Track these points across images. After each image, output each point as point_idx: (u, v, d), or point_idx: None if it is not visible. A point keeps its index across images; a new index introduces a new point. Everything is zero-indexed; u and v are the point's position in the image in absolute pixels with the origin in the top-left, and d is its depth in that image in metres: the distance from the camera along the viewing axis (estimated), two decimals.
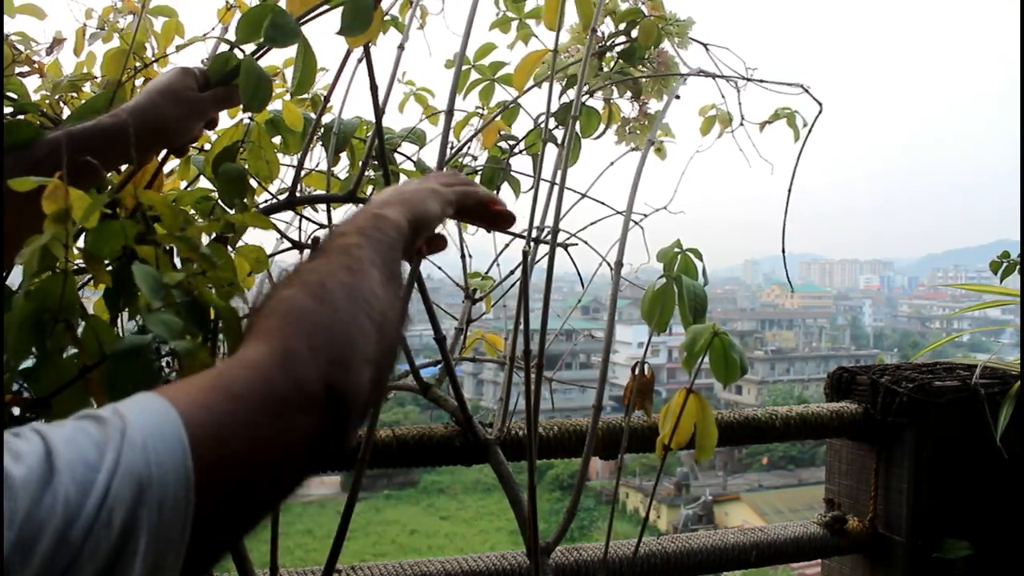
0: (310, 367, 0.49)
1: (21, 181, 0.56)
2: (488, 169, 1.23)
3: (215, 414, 0.44)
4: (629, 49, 1.20)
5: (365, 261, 0.61)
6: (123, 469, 0.38)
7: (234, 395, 0.46)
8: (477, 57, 1.27)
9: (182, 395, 0.44)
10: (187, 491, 0.40)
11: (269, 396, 0.47)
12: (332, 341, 0.52)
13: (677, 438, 1.00)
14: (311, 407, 0.48)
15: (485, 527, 25.09)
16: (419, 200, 0.73)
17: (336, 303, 0.55)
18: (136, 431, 0.40)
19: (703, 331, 0.98)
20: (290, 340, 0.50)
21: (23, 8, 1.04)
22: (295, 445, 0.48)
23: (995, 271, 1.68)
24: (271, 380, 0.47)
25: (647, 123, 1.26)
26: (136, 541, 0.37)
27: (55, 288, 0.59)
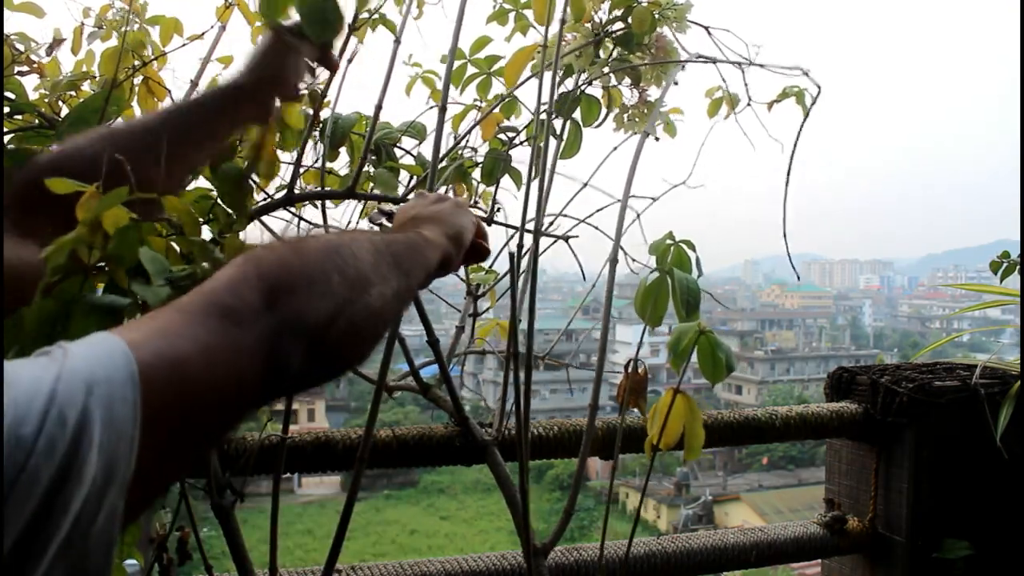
0: (253, 287, 0.52)
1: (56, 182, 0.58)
2: (488, 160, 1.23)
3: (157, 326, 0.47)
4: (626, 35, 1.19)
5: (363, 234, 0.64)
6: (67, 374, 0.40)
7: (180, 309, 0.49)
8: (473, 51, 1.26)
9: (125, 328, 0.46)
10: (133, 389, 0.42)
11: (213, 307, 0.49)
12: (282, 270, 0.54)
13: (666, 439, 1.00)
14: (251, 318, 0.50)
15: (485, 527, 25.08)
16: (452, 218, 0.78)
17: (304, 247, 0.57)
18: (78, 348, 0.42)
19: (688, 330, 0.97)
20: (242, 267, 0.53)
21: (22, 7, 1.04)
22: (243, 353, 0.49)
23: (995, 271, 1.68)
24: (216, 296, 0.50)
25: (647, 110, 1.25)
26: (90, 433, 0.39)
27: (74, 288, 0.59)
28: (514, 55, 1.20)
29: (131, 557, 0.99)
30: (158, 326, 0.47)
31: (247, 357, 0.49)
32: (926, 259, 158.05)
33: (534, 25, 1.23)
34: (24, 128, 0.94)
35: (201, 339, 0.47)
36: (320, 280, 0.56)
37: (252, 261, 0.54)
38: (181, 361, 0.46)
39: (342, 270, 0.58)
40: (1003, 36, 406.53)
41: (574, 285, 5.76)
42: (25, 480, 0.36)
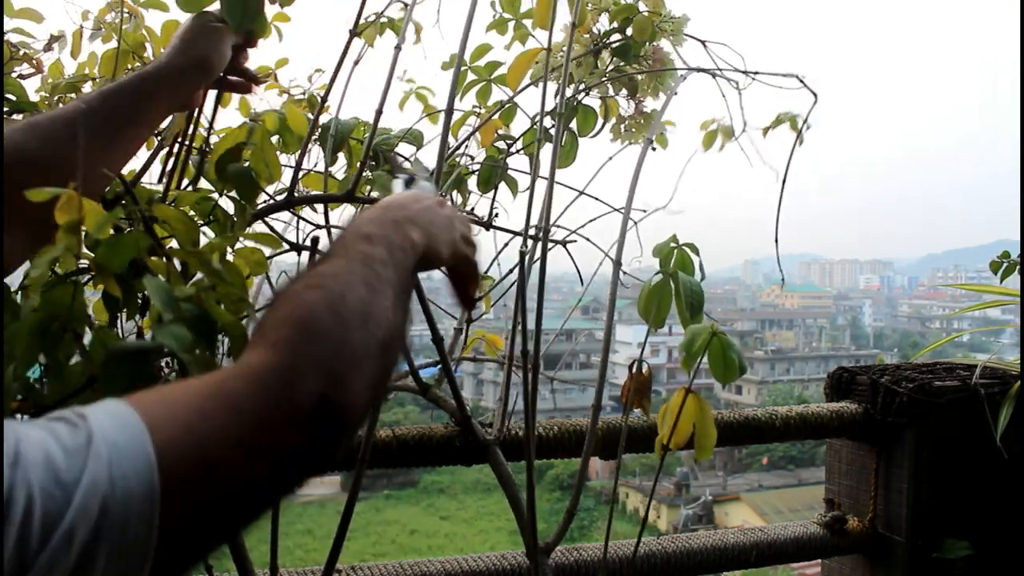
0: (310, 383, 0.49)
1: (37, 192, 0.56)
2: (485, 168, 1.23)
3: (199, 426, 0.44)
4: (624, 46, 1.19)
5: (385, 282, 0.60)
6: (86, 484, 0.37)
7: (233, 408, 0.46)
8: (473, 58, 1.26)
9: (159, 405, 0.44)
10: (152, 507, 0.39)
11: (266, 410, 0.47)
12: (338, 361, 0.51)
13: (676, 438, 1.00)
14: (303, 423, 0.48)
15: (485, 527, 25.09)
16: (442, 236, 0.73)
17: (350, 321, 0.54)
18: (100, 437, 0.39)
19: (701, 331, 0.97)
20: (296, 353, 0.50)
21: (21, 12, 1.04)
22: (283, 458, 0.47)
23: (995, 271, 1.68)
24: (271, 394, 0.47)
25: (643, 121, 1.26)
26: (97, 562, 0.37)
27: (64, 298, 0.59)
28: (516, 59, 1.20)
29: None
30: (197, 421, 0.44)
31: (288, 461, 0.48)
32: (926, 259, 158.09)
33: (533, 35, 1.23)
34: None
35: (247, 450, 0.45)
36: (367, 364, 0.54)
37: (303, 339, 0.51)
38: (219, 469, 0.43)
39: (381, 342, 0.56)
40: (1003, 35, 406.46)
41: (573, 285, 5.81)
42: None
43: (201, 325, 0.61)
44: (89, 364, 0.62)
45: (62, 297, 0.59)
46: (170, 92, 0.87)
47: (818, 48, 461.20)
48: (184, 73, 0.87)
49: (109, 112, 0.81)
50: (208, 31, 0.89)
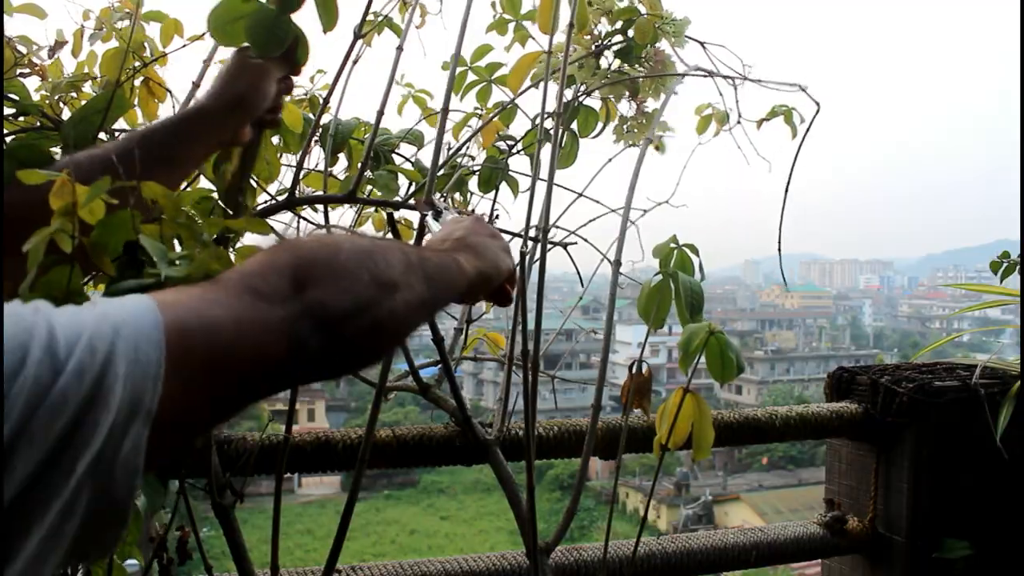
0: (285, 274, 0.54)
1: (30, 173, 0.58)
2: (486, 169, 1.23)
3: (190, 291, 0.50)
4: (626, 48, 1.20)
5: (398, 244, 0.65)
6: (98, 315, 0.43)
7: (214, 281, 0.53)
8: (474, 59, 1.27)
9: (157, 292, 0.50)
10: (158, 332, 0.45)
11: (247, 287, 0.52)
12: (313, 263, 0.56)
13: (674, 438, 1.00)
14: (279, 301, 0.53)
15: (485, 527, 25.09)
16: (493, 256, 0.78)
17: (338, 245, 0.59)
18: (108, 301, 0.46)
19: (699, 330, 0.97)
20: (277, 254, 0.56)
21: (23, 8, 1.04)
22: (271, 329, 0.52)
23: (995, 271, 1.68)
24: (249, 278, 0.53)
25: (644, 122, 1.26)
26: (117, 365, 0.42)
27: (61, 279, 0.60)
28: (518, 61, 1.20)
29: (131, 557, 0.99)
30: (191, 291, 0.51)
31: (272, 334, 0.52)
32: (926, 259, 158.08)
33: (533, 36, 1.23)
34: (26, 129, 0.94)
35: (233, 308, 0.51)
36: (347, 276, 0.57)
37: (287, 250, 0.57)
38: (211, 321, 0.49)
39: (372, 271, 0.59)
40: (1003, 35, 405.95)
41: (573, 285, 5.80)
42: (55, 398, 0.39)
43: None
44: None
45: (59, 279, 0.60)
46: (209, 133, 0.89)
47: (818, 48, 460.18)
48: (223, 114, 0.89)
49: (144, 154, 0.81)
50: (247, 69, 0.90)
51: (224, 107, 0.89)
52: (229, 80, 0.90)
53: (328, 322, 0.55)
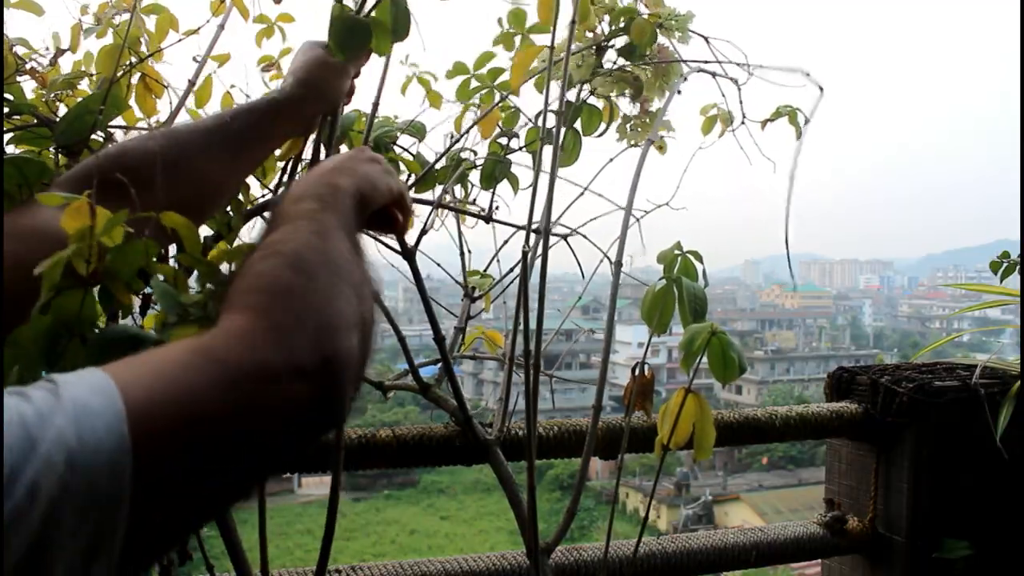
0: (299, 337, 0.49)
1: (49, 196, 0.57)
2: (488, 163, 1.23)
3: (178, 378, 0.43)
4: (629, 46, 1.19)
5: (332, 227, 0.61)
6: (51, 437, 0.37)
7: (216, 359, 0.45)
8: (477, 66, 1.27)
9: (134, 364, 0.43)
10: (123, 458, 0.38)
11: (258, 365, 0.46)
12: (317, 309, 0.52)
13: (676, 438, 1.00)
14: (303, 375, 0.48)
15: (485, 527, 25.08)
16: (367, 172, 0.74)
17: (314, 271, 0.55)
18: (68, 398, 0.39)
19: (701, 330, 0.97)
20: (275, 313, 0.50)
21: (20, 4, 1.04)
22: (292, 413, 0.47)
23: (995, 271, 1.68)
24: (259, 349, 0.47)
25: (648, 121, 1.26)
26: (63, 515, 0.36)
27: (73, 304, 0.59)
28: (518, 57, 1.20)
29: None
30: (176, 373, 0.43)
31: (298, 415, 0.48)
32: (926, 259, 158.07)
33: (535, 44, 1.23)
34: (21, 127, 0.94)
35: (236, 401, 0.45)
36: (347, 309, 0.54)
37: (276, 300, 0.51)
38: (201, 419, 0.43)
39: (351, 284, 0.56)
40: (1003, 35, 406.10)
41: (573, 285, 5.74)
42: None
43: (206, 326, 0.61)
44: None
45: (71, 303, 0.59)
46: (292, 120, 0.92)
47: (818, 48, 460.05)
48: (305, 102, 0.92)
49: (240, 128, 0.86)
50: (327, 64, 0.93)
51: (306, 97, 0.91)
52: (313, 72, 0.92)
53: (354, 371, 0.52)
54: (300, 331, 0.49)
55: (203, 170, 0.81)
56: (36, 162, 0.82)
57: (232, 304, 0.52)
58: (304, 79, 0.92)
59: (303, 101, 0.91)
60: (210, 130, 0.84)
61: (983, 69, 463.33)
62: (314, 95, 0.92)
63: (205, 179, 0.82)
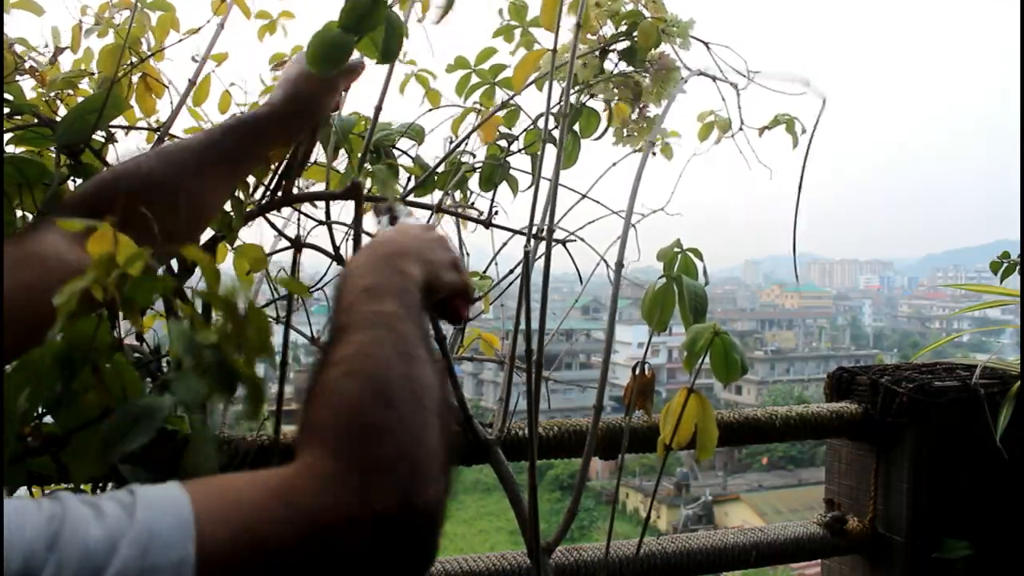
0: (387, 484, 0.46)
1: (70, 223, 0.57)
2: (487, 166, 1.23)
3: (252, 521, 0.42)
4: (630, 50, 1.19)
5: (412, 341, 0.57)
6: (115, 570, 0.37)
7: (297, 507, 0.44)
8: (478, 61, 1.27)
9: (215, 497, 0.42)
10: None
11: (341, 515, 0.44)
12: (405, 451, 0.48)
13: (678, 438, 1.00)
14: (391, 524, 0.45)
15: (485, 527, 25.09)
16: (441, 267, 0.71)
17: (401, 404, 0.51)
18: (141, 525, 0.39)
19: (704, 331, 0.97)
20: (360, 456, 0.47)
21: (20, 4, 1.04)
22: (377, 562, 0.45)
23: (995, 271, 1.68)
24: (342, 497, 0.45)
25: (646, 125, 1.26)
26: None
27: (88, 329, 0.59)
28: (521, 59, 1.21)
29: None
30: (252, 520, 0.42)
31: (381, 565, 0.45)
32: (926, 259, 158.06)
33: (539, 42, 1.23)
34: (22, 127, 0.93)
35: (309, 551, 0.43)
36: (434, 447, 0.50)
37: (362, 441, 0.48)
38: (267, 568, 0.42)
39: (438, 413, 0.53)
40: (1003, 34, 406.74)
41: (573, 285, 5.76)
42: None
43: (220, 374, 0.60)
44: (106, 395, 0.62)
45: (86, 329, 0.59)
46: (279, 135, 0.93)
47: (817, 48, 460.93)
48: (292, 119, 0.92)
49: (231, 146, 0.86)
50: (316, 80, 0.92)
51: (293, 113, 0.92)
52: (299, 86, 0.92)
53: (441, 515, 0.49)
54: (388, 477, 0.46)
55: (198, 189, 0.81)
56: (36, 163, 0.82)
57: (312, 437, 0.50)
58: (293, 94, 0.92)
59: (290, 116, 0.92)
60: (202, 150, 0.84)
61: (983, 68, 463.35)
62: (300, 109, 0.93)
63: (199, 198, 0.82)
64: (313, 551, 0.43)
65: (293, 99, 0.92)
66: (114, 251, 0.56)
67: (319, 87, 0.93)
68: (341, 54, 0.86)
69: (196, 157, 0.83)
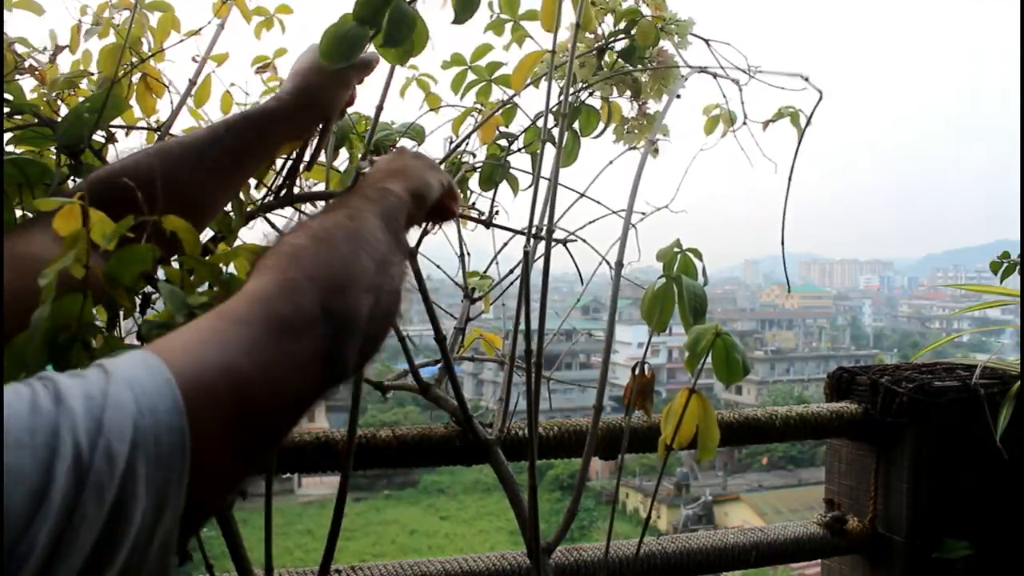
0: (307, 293, 0.52)
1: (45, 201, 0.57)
2: (487, 166, 1.23)
3: (206, 339, 0.46)
4: (629, 48, 1.19)
5: (366, 211, 0.64)
6: (113, 405, 0.39)
7: (233, 320, 0.49)
8: (474, 58, 1.26)
9: (169, 339, 0.47)
10: (179, 416, 0.41)
11: (272, 320, 0.49)
12: (328, 271, 0.55)
13: (679, 438, 1.00)
14: (311, 327, 0.51)
15: (485, 527, 25.08)
16: (419, 173, 0.76)
17: (334, 241, 0.58)
18: (119, 373, 0.41)
19: (706, 332, 0.97)
20: (288, 272, 0.54)
21: (20, 3, 1.04)
22: (305, 363, 0.50)
23: (995, 271, 1.68)
24: (272, 305, 0.50)
25: (646, 122, 1.26)
26: (138, 471, 0.39)
27: (73, 307, 0.59)
28: (521, 60, 1.20)
29: None
30: (205, 334, 0.47)
31: (308, 368, 0.51)
32: (926, 259, 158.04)
33: (531, 36, 1.23)
34: (22, 127, 0.94)
35: (260, 352, 0.48)
36: (361, 274, 0.57)
37: (293, 263, 0.55)
38: (238, 379, 0.46)
39: (372, 257, 0.59)
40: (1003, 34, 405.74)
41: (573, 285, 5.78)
42: (76, 522, 0.36)
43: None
44: None
45: (71, 307, 0.59)
46: (287, 130, 0.91)
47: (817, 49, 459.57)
48: (300, 111, 0.90)
49: (232, 143, 0.85)
50: (326, 72, 0.90)
51: (302, 108, 0.90)
52: (309, 79, 0.90)
53: (358, 330, 0.55)
54: (309, 289, 0.52)
55: (198, 187, 0.80)
56: (37, 163, 0.82)
57: (255, 270, 0.56)
58: (301, 87, 0.90)
59: (298, 110, 0.89)
60: (204, 145, 0.83)
61: (984, 68, 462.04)
62: (309, 104, 0.90)
63: (200, 196, 0.82)
64: (258, 359, 0.47)
65: (302, 93, 0.89)
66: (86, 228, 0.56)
67: (330, 81, 0.91)
68: (354, 47, 0.85)
69: (197, 154, 0.81)
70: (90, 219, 0.56)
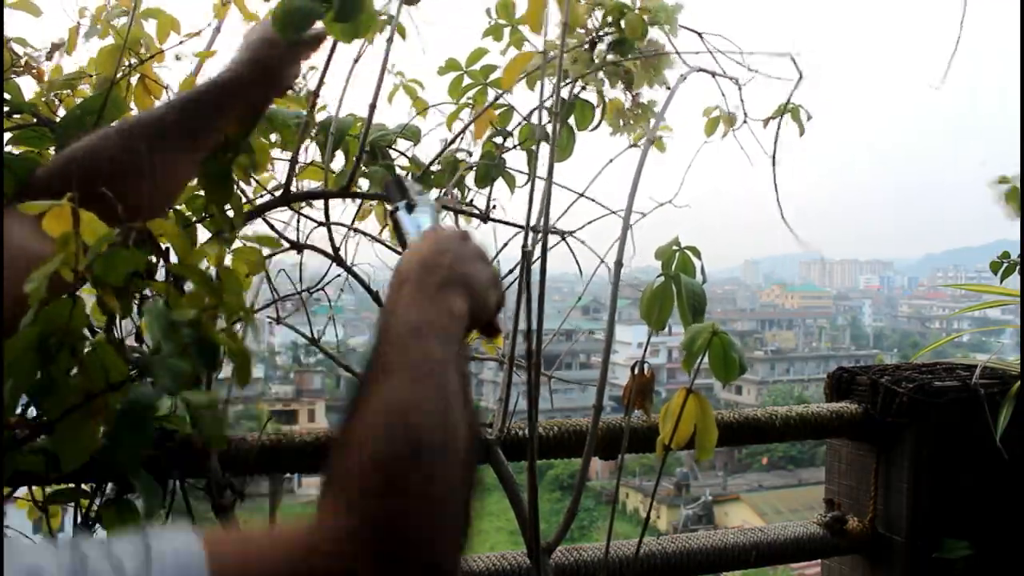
0: (405, 552, 0.47)
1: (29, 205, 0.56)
2: (482, 165, 1.23)
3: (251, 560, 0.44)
4: (620, 40, 1.19)
5: (452, 388, 0.56)
6: None
7: (311, 566, 0.45)
8: (469, 62, 1.27)
9: (228, 547, 0.44)
10: None
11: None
12: (429, 518, 0.48)
13: (677, 438, 1.00)
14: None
15: (485, 527, 24.91)
16: (484, 294, 0.69)
17: (432, 465, 0.50)
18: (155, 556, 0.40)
19: (702, 330, 0.97)
20: (385, 527, 0.47)
21: (18, 4, 1.03)
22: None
23: (995, 271, 1.68)
24: (357, 562, 0.45)
25: (641, 112, 1.26)
26: None
27: (62, 312, 0.58)
28: (512, 60, 1.21)
29: None
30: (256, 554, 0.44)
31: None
32: (926, 259, 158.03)
33: (528, 40, 1.23)
34: (21, 126, 0.94)
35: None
36: (459, 510, 0.51)
37: (392, 491, 0.48)
38: None
39: (466, 472, 0.53)
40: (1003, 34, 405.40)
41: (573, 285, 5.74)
42: None
43: (202, 351, 0.59)
44: (87, 380, 0.61)
45: (60, 312, 0.58)
46: (240, 104, 0.89)
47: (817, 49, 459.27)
48: (250, 84, 0.88)
49: (188, 121, 0.84)
50: (275, 45, 0.89)
51: (254, 78, 0.88)
52: (261, 51, 0.89)
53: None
54: (406, 552, 0.47)
55: (156, 166, 0.79)
56: (37, 163, 0.82)
57: (337, 487, 0.50)
58: (249, 58, 0.89)
59: (253, 83, 0.89)
60: (161, 123, 0.82)
61: (984, 67, 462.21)
62: (258, 76, 0.89)
63: (159, 174, 0.81)
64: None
65: (248, 63, 0.89)
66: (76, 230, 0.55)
67: (276, 52, 0.90)
68: (306, 20, 0.85)
69: (154, 131, 0.81)
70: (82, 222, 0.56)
